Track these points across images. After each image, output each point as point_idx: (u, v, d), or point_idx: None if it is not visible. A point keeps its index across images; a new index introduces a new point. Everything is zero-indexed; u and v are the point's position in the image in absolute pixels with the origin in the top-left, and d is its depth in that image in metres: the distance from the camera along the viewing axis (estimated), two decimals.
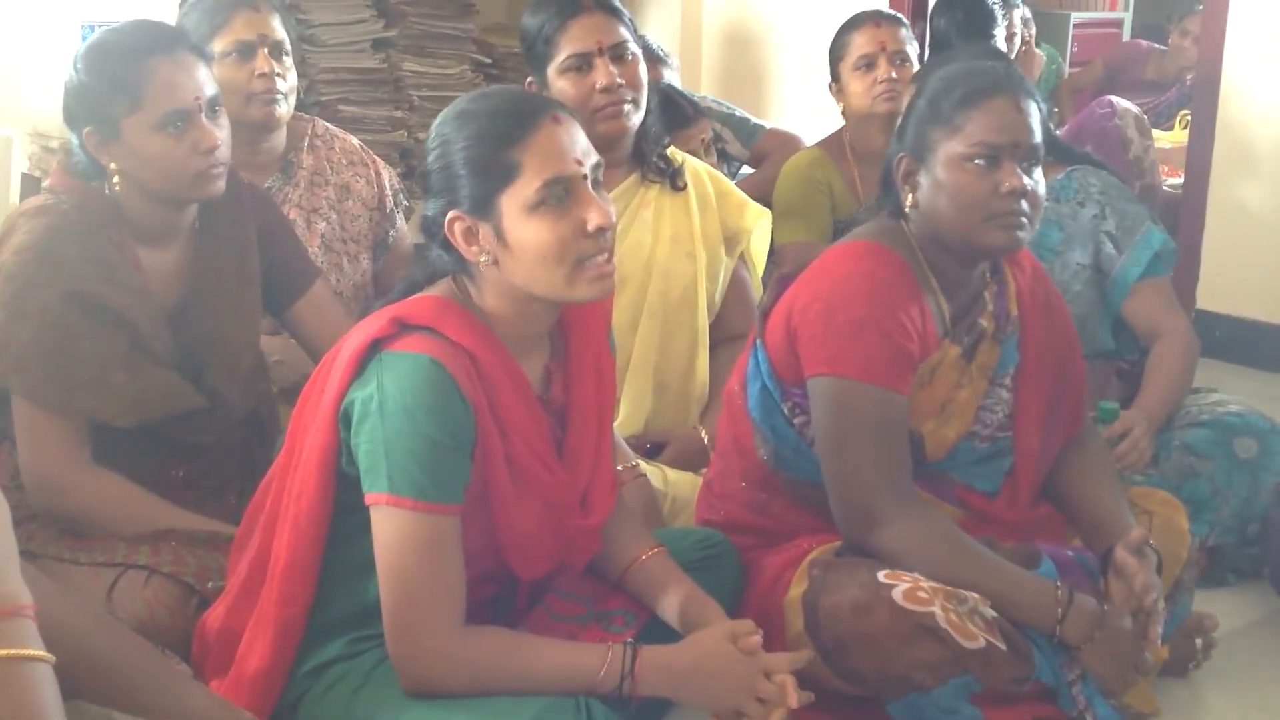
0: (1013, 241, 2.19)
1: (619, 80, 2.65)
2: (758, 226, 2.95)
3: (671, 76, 3.89)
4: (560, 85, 2.69)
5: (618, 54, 2.67)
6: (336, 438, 1.87)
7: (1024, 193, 2.14)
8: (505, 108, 1.91)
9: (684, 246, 2.83)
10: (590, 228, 1.87)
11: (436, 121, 1.96)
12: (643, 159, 2.83)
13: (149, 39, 2.28)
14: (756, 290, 2.98)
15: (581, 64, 2.65)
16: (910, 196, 2.23)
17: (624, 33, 2.70)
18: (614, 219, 1.90)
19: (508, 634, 1.90)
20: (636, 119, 2.74)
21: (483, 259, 1.89)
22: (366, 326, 1.89)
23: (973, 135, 2.15)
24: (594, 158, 1.92)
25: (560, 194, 1.86)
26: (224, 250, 2.43)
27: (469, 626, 1.85)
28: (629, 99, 2.68)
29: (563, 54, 2.67)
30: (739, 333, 2.78)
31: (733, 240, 2.92)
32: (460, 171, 1.88)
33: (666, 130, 2.96)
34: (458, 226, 1.89)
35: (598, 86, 2.64)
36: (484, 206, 1.87)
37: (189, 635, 2.05)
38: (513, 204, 1.86)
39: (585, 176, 1.89)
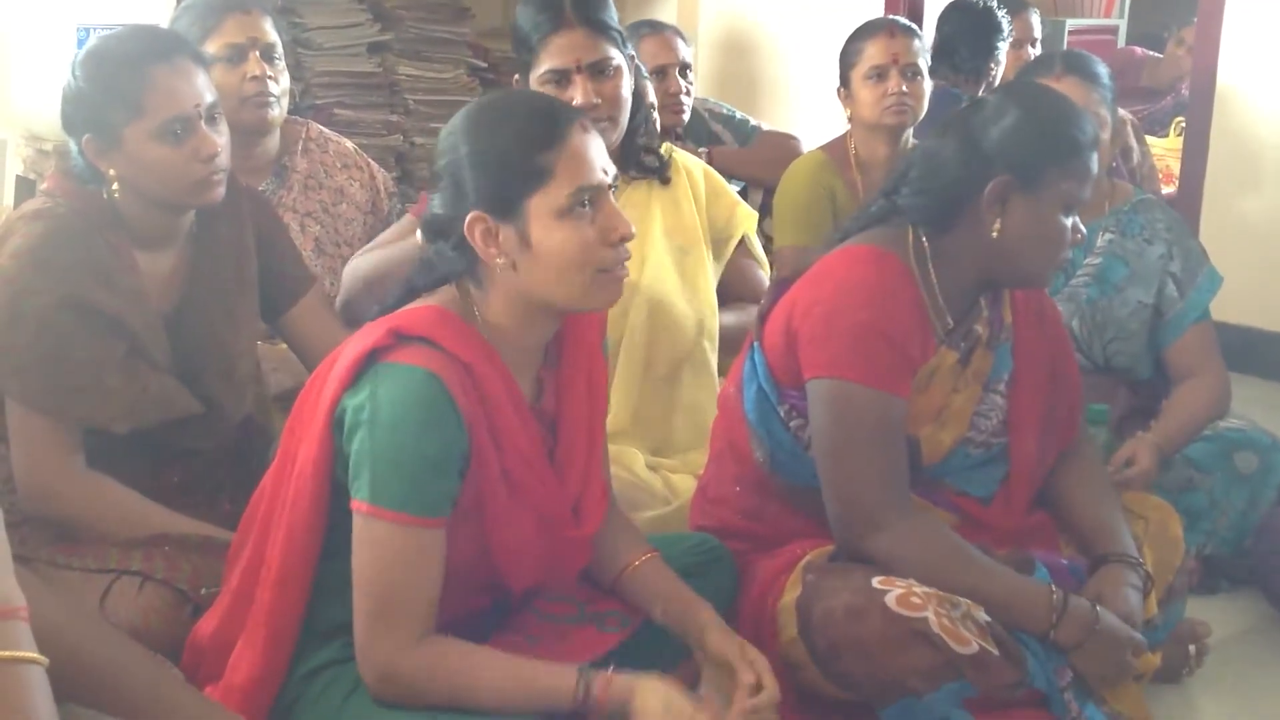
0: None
1: (595, 100, 2.64)
2: (747, 226, 2.97)
3: (686, 52, 3.91)
4: None
5: (597, 70, 2.65)
6: (331, 446, 1.86)
7: None
8: (536, 111, 1.91)
9: (675, 240, 2.84)
10: (615, 237, 1.88)
11: (452, 123, 1.94)
12: (629, 157, 2.83)
13: (148, 46, 2.26)
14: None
15: (560, 79, 2.64)
16: (998, 221, 2.19)
17: (607, 49, 2.66)
18: (634, 232, 1.91)
19: (465, 649, 1.86)
20: (614, 135, 2.71)
21: (500, 261, 1.89)
22: (364, 336, 1.88)
23: (1079, 189, 2.18)
24: (614, 170, 1.93)
25: (588, 202, 1.87)
26: (222, 255, 2.43)
27: (433, 639, 1.84)
28: (605, 117, 2.66)
29: (543, 66, 2.65)
30: (740, 297, 2.92)
31: (720, 243, 2.93)
32: (484, 171, 1.87)
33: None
34: (478, 228, 1.88)
35: (574, 104, 2.63)
36: (510, 209, 1.87)
37: (182, 642, 2.04)
38: (542, 207, 1.86)
39: (610, 186, 1.90)
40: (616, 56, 2.68)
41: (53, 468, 2.23)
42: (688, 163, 2.94)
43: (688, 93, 3.85)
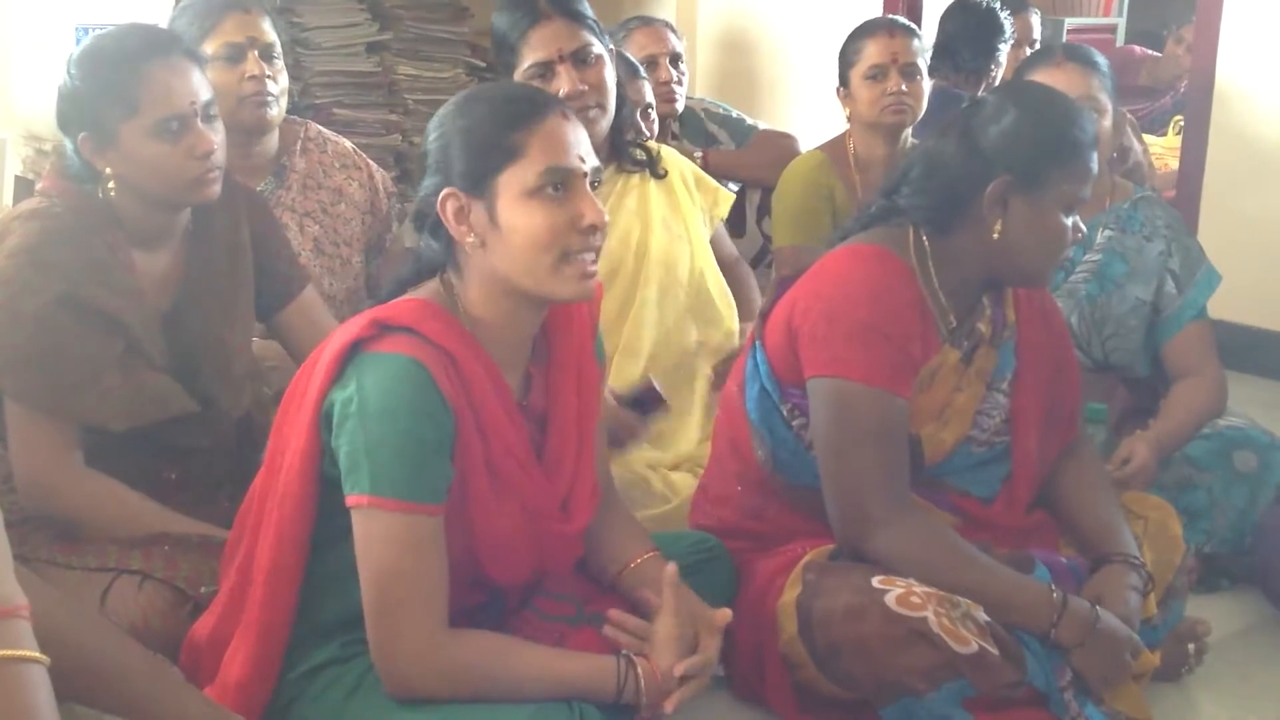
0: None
1: (581, 87, 2.66)
2: (724, 208, 3.08)
3: (677, 42, 3.96)
4: None
5: (580, 58, 2.68)
6: (318, 440, 1.87)
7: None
8: (516, 94, 1.94)
9: (675, 231, 2.89)
10: (584, 224, 1.87)
11: (439, 110, 1.96)
12: (619, 152, 2.85)
13: (143, 44, 2.27)
14: None
15: (544, 71, 2.67)
16: (999, 222, 2.19)
17: (586, 36, 2.70)
18: (606, 222, 1.91)
19: (494, 638, 1.89)
20: (605, 122, 2.75)
21: (470, 239, 1.89)
22: (347, 329, 1.88)
23: (1079, 188, 2.18)
24: (595, 161, 1.93)
25: (559, 184, 1.87)
26: (217, 253, 2.43)
27: (454, 630, 1.84)
28: (594, 104, 2.70)
29: (526, 62, 2.69)
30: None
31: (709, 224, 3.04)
32: (460, 148, 1.89)
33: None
34: (450, 204, 1.89)
35: (561, 94, 2.63)
36: (480, 184, 1.87)
37: (182, 640, 2.04)
38: (511, 185, 1.86)
39: (585, 175, 1.90)
40: (596, 45, 2.72)
41: (51, 466, 2.24)
42: (673, 157, 3.00)
43: (679, 82, 3.89)
